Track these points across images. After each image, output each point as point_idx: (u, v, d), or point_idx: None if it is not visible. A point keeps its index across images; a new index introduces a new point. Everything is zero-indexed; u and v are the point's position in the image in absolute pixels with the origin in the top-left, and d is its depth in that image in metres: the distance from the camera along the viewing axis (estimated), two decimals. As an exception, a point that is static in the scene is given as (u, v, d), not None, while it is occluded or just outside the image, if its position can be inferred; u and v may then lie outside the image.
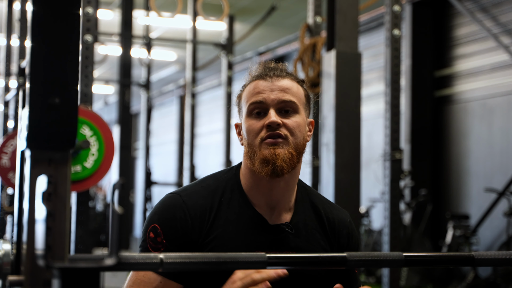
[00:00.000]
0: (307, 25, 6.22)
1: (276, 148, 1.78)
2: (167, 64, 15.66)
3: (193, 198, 1.83)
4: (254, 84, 1.86)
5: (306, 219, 1.90)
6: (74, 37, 1.08)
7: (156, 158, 19.88)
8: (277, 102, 1.82)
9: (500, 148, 8.73)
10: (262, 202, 1.85)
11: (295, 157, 1.81)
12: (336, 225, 1.94)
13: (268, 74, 1.86)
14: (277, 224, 1.84)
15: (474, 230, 8.37)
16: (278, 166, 1.77)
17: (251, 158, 1.81)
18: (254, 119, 1.83)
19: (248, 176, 1.86)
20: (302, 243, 1.86)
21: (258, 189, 1.84)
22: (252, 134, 1.82)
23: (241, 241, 1.80)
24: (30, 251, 1.03)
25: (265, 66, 1.91)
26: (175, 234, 1.78)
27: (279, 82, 1.84)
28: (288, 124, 1.81)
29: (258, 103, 1.82)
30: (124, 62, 9.41)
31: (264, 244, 1.81)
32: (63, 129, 1.05)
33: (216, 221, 1.81)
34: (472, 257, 1.40)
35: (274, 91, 1.83)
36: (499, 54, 8.74)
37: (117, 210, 0.89)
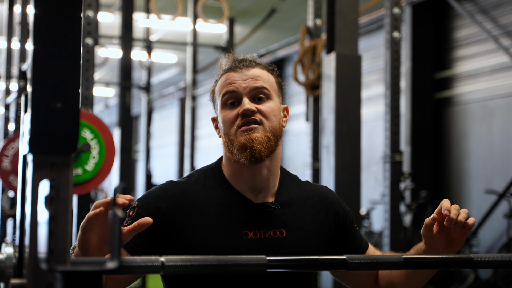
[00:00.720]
0: (307, 27, 6.23)
1: (251, 133, 1.81)
2: (167, 66, 15.68)
3: (175, 183, 1.89)
4: (225, 76, 1.91)
5: (291, 198, 1.92)
6: (75, 41, 1.09)
7: (157, 161, 19.89)
8: (249, 90, 1.86)
9: (500, 149, 8.74)
10: (246, 188, 1.87)
11: (272, 140, 1.83)
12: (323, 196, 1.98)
13: (238, 66, 1.90)
14: (262, 202, 1.87)
15: (474, 232, 8.37)
16: (256, 149, 1.79)
17: (229, 147, 1.85)
18: (228, 109, 1.87)
19: (229, 166, 1.89)
20: (289, 219, 1.88)
21: (241, 177, 1.87)
22: (227, 124, 1.85)
23: (226, 224, 1.82)
24: (32, 255, 1.04)
25: (234, 58, 1.94)
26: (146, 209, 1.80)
27: (249, 71, 1.89)
28: (262, 110, 1.84)
29: (231, 93, 1.86)
30: (125, 64, 9.41)
31: (250, 223, 1.84)
32: (65, 133, 1.06)
33: (196, 207, 1.83)
34: (471, 259, 1.41)
35: (246, 80, 1.87)
36: (499, 56, 8.75)
37: (118, 214, 0.90)
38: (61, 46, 1.07)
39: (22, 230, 1.11)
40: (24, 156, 1.13)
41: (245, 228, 1.82)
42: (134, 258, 1.16)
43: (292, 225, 1.87)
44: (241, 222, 1.83)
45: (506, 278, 7.68)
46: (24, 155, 1.12)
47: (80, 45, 1.08)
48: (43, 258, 0.94)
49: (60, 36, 1.08)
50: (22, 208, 1.12)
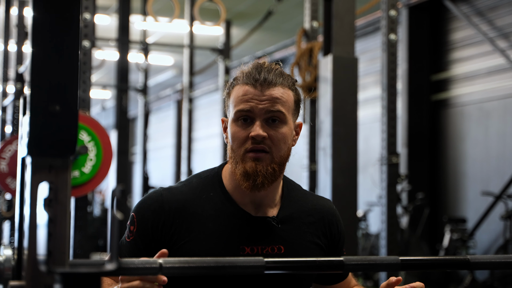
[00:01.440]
0: (303, 30, 6.24)
1: (258, 164, 1.78)
2: (164, 68, 15.68)
3: (172, 193, 1.84)
4: (243, 90, 1.82)
5: (293, 213, 1.90)
6: (74, 43, 1.09)
7: (153, 163, 19.87)
8: (265, 112, 1.80)
9: (497, 151, 8.76)
10: (247, 201, 1.85)
11: (277, 172, 1.80)
12: (324, 215, 1.95)
13: (258, 80, 1.81)
14: (263, 216, 1.85)
15: (471, 234, 8.38)
16: (259, 183, 1.77)
17: (233, 165, 1.82)
18: (240, 126, 1.81)
19: (231, 176, 1.86)
20: (288, 236, 1.85)
21: (241, 190, 1.84)
22: (236, 142, 1.81)
23: (222, 237, 1.80)
24: (31, 257, 1.04)
25: (257, 67, 1.85)
26: (145, 225, 1.80)
27: (269, 91, 1.81)
28: (273, 137, 1.80)
29: (245, 112, 1.80)
30: (121, 67, 9.42)
31: (248, 238, 1.81)
32: (64, 136, 1.06)
33: (195, 217, 1.81)
34: (467, 261, 1.41)
35: (263, 101, 1.80)
36: (495, 58, 8.77)
37: (117, 216, 0.91)
38: (59, 49, 1.08)
39: (21, 232, 1.11)
40: (22, 159, 1.14)
41: (243, 243, 1.80)
42: (132, 260, 1.17)
43: (291, 242, 1.85)
44: (238, 237, 1.81)
45: (503, 280, 7.69)
46: (23, 157, 1.13)
47: (78, 48, 1.08)
48: (42, 260, 0.95)
49: (58, 39, 1.08)
50: (21, 210, 1.13)
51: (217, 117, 12.00)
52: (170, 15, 7.60)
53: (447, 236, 8.37)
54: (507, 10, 8.70)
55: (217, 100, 13.17)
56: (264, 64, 1.87)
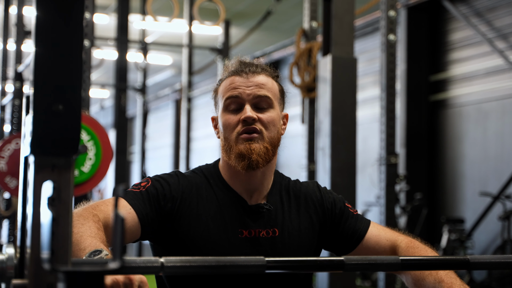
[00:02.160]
0: (303, 30, 6.25)
1: (251, 143, 1.85)
2: (162, 68, 15.68)
3: (184, 176, 1.94)
4: (230, 80, 1.93)
5: (282, 199, 1.97)
6: (77, 43, 1.09)
7: (152, 162, 19.87)
8: (253, 97, 1.88)
9: (495, 152, 8.77)
10: (242, 189, 1.93)
11: (270, 151, 1.88)
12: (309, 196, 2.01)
13: (243, 70, 1.92)
14: (256, 203, 1.93)
15: (469, 234, 8.40)
16: (254, 160, 1.84)
17: (227, 152, 1.89)
18: (230, 113, 1.90)
19: (226, 168, 1.94)
20: (280, 219, 1.93)
21: (237, 179, 1.93)
22: (228, 129, 1.89)
23: (223, 220, 1.88)
24: (34, 255, 1.05)
25: (240, 61, 1.96)
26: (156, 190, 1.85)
27: (254, 78, 1.91)
28: (263, 119, 1.88)
29: (234, 98, 1.89)
30: (120, 66, 9.42)
31: (245, 222, 1.90)
32: (67, 135, 1.07)
33: (200, 201, 1.89)
34: (467, 260, 1.42)
35: (250, 87, 1.89)
36: (494, 59, 8.79)
37: (120, 215, 0.91)
38: (63, 48, 1.08)
39: (23, 231, 1.12)
40: (25, 158, 1.14)
41: (240, 226, 1.89)
42: (134, 259, 1.17)
43: (284, 225, 1.93)
44: (237, 221, 1.89)
45: (501, 280, 7.71)
46: (26, 156, 1.13)
47: (82, 47, 1.08)
48: (46, 259, 0.95)
49: (62, 38, 1.08)
50: (23, 209, 1.13)
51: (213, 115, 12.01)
52: (169, 15, 7.60)
53: (445, 236, 8.38)
54: (505, 11, 8.72)
55: (216, 99, 13.17)
56: (247, 59, 1.99)
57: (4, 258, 1.14)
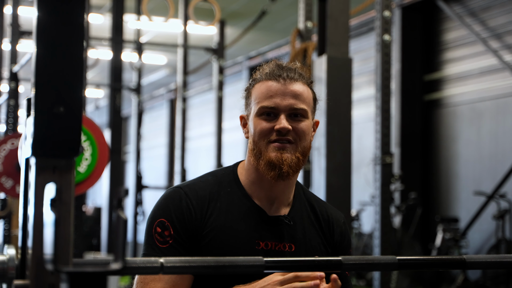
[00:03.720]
0: (298, 30, 6.25)
1: (283, 153, 1.82)
2: (157, 68, 15.67)
3: (192, 188, 1.87)
4: (266, 85, 1.87)
5: (303, 214, 1.95)
6: (78, 45, 1.10)
7: (146, 162, 19.86)
8: (289, 109, 1.84)
9: (489, 151, 8.80)
10: (262, 196, 1.89)
11: (301, 161, 1.85)
12: (330, 222, 1.99)
13: (281, 75, 1.87)
14: (276, 215, 1.89)
15: (463, 233, 8.42)
16: (284, 172, 1.82)
17: (257, 157, 1.85)
18: (263, 120, 1.85)
19: (251, 171, 1.90)
20: (298, 235, 1.91)
21: (260, 185, 1.89)
22: (260, 135, 1.85)
23: (240, 231, 1.84)
24: (35, 256, 1.05)
25: (278, 65, 1.91)
26: (182, 224, 1.81)
27: (291, 85, 1.86)
28: (297, 129, 1.84)
29: (270, 108, 1.85)
30: (115, 66, 9.41)
31: (262, 234, 1.86)
32: (68, 137, 1.08)
33: (215, 211, 1.85)
34: (463, 260, 1.43)
35: (286, 97, 1.85)
36: (488, 58, 8.81)
37: (122, 216, 0.92)
38: (64, 50, 1.09)
39: (25, 232, 1.13)
40: (26, 159, 1.15)
41: (258, 238, 1.85)
42: (134, 259, 1.19)
43: (301, 241, 1.91)
44: (255, 231, 1.86)
45: (495, 279, 7.74)
46: (27, 158, 1.14)
47: (83, 49, 1.09)
48: (49, 260, 0.96)
49: (63, 40, 1.09)
50: (24, 210, 1.14)
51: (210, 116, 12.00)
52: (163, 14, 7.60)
53: (439, 235, 8.41)
54: (499, 10, 8.74)
55: (211, 99, 13.18)
56: (284, 63, 1.93)
57: (5, 259, 1.15)
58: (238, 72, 14.86)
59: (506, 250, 7.65)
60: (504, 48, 8.60)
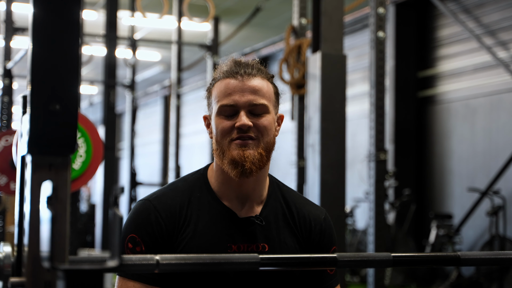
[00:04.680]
0: (292, 26, 6.26)
1: (245, 150, 1.80)
2: (151, 64, 15.65)
3: (161, 200, 1.85)
4: (224, 83, 1.86)
5: (277, 212, 1.91)
6: (74, 42, 1.10)
7: (140, 159, 19.84)
8: (248, 105, 1.83)
9: (483, 148, 8.82)
10: (232, 196, 1.87)
11: (265, 157, 1.83)
12: (307, 220, 1.95)
13: (238, 72, 1.85)
14: (247, 216, 1.87)
15: (457, 230, 8.45)
16: (247, 169, 1.79)
17: (220, 156, 1.84)
18: (224, 118, 1.84)
19: (219, 173, 1.88)
20: (272, 235, 1.88)
21: (229, 185, 1.87)
22: (221, 133, 1.84)
23: (211, 236, 1.82)
24: (31, 254, 1.06)
25: (235, 62, 1.89)
26: (153, 239, 1.80)
27: (249, 81, 1.85)
28: (258, 125, 1.83)
29: (229, 106, 1.83)
30: (109, 62, 9.39)
31: (235, 237, 1.84)
32: (64, 134, 1.08)
33: (186, 220, 1.83)
34: (458, 257, 1.44)
35: (245, 93, 1.83)
36: (481, 55, 8.83)
37: (118, 214, 0.92)
38: (60, 47, 1.09)
39: (21, 229, 1.13)
40: (22, 157, 1.15)
41: (230, 241, 1.83)
42: (130, 256, 1.19)
43: (275, 240, 1.88)
44: (225, 235, 1.84)
45: (488, 276, 7.76)
46: (23, 155, 1.14)
47: (79, 46, 1.09)
48: (45, 257, 0.96)
49: (59, 37, 1.09)
50: (20, 208, 1.14)
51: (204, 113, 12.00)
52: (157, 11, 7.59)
53: (433, 232, 8.43)
54: (493, 7, 8.76)
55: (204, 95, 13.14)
56: (241, 60, 1.91)
57: (1, 256, 1.15)
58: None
59: (499, 246, 7.68)
60: (498, 45, 8.62)
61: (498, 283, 7.56)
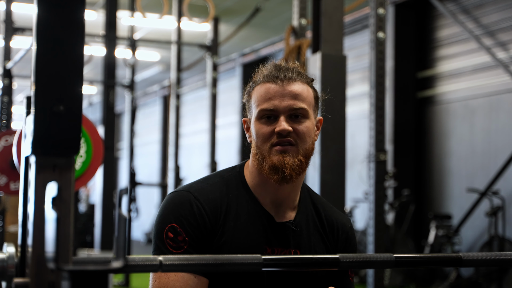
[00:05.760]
0: (292, 27, 6.26)
1: (285, 156, 1.81)
2: (150, 64, 15.65)
3: (202, 193, 1.86)
4: (265, 87, 1.86)
5: (308, 219, 1.94)
6: (79, 43, 1.10)
7: (139, 159, 19.84)
8: (288, 110, 1.83)
9: (482, 148, 8.83)
10: (268, 200, 1.89)
11: (304, 163, 1.84)
12: (335, 228, 1.98)
13: (279, 77, 1.85)
14: (283, 221, 1.89)
15: (456, 230, 8.45)
16: (287, 175, 1.80)
17: (260, 161, 1.84)
18: (264, 123, 1.84)
19: (255, 174, 1.89)
20: (304, 241, 1.90)
21: (265, 188, 1.88)
22: (261, 138, 1.84)
23: (250, 235, 1.84)
24: (36, 254, 1.06)
25: (275, 66, 1.89)
26: (195, 229, 1.80)
27: (290, 86, 1.85)
28: (298, 130, 1.83)
29: (269, 111, 1.83)
30: (108, 62, 9.39)
31: (271, 239, 1.86)
32: (67, 135, 1.08)
33: (227, 215, 1.84)
34: (459, 258, 1.44)
35: (285, 98, 1.83)
36: (480, 56, 8.84)
37: (123, 215, 0.92)
38: (64, 48, 1.09)
39: (24, 230, 1.13)
40: (26, 158, 1.15)
41: (266, 243, 1.85)
42: (133, 257, 1.19)
43: (306, 247, 1.90)
44: (262, 237, 1.86)
45: (487, 276, 7.77)
46: (27, 156, 1.14)
47: (83, 47, 1.09)
48: (50, 258, 0.96)
49: (63, 38, 1.09)
50: (24, 208, 1.14)
51: (203, 113, 12.00)
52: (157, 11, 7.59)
53: (432, 232, 8.44)
54: (492, 8, 8.77)
55: (204, 96, 13.16)
56: (282, 64, 1.91)
57: (5, 257, 1.15)
58: (231, 69, 14.85)
59: (498, 246, 7.69)
60: (497, 46, 8.63)
61: (497, 284, 7.56)
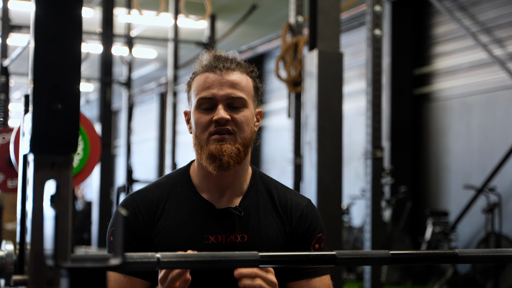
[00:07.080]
0: (289, 24, 6.26)
1: (222, 144, 1.82)
2: (146, 61, 15.64)
3: (141, 194, 1.91)
4: (203, 77, 1.88)
5: (258, 202, 1.93)
6: (76, 41, 1.10)
7: (136, 156, 19.84)
8: (226, 98, 1.84)
9: (479, 145, 8.85)
10: (212, 189, 1.90)
11: (242, 152, 1.85)
12: (288, 207, 1.95)
13: (217, 66, 1.87)
14: (225, 208, 1.89)
15: (453, 227, 8.47)
16: (225, 162, 1.81)
17: (199, 151, 1.87)
18: (202, 112, 1.86)
19: (200, 166, 1.91)
20: (251, 225, 1.89)
21: (208, 178, 1.89)
22: (200, 128, 1.86)
23: (188, 227, 1.86)
24: (34, 252, 1.06)
25: (214, 56, 1.92)
26: (129, 232, 1.85)
27: (228, 75, 1.86)
28: (236, 119, 1.84)
29: (207, 99, 1.85)
30: (105, 60, 9.39)
31: (212, 228, 1.86)
32: (66, 133, 1.08)
33: (163, 214, 1.88)
34: (455, 254, 1.45)
35: (224, 86, 1.85)
36: (477, 53, 8.85)
37: (122, 212, 0.93)
38: (62, 46, 1.09)
39: (23, 227, 1.13)
40: (24, 156, 1.16)
41: (207, 232, 1.85)
42: (131, 254, 1.20)
43: (254, 230, 1.89)
44: (203, 227, 1.86)
45: (484, 273, 7.79)
46: (25, 154, 1.15)
47: (81, 45, 1.10)
48: (49, 255, 0.97)
49: (61, 36, 1.09)
50: (22, 206, 1.15)
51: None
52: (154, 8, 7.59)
53: (429, 229, 8.46)
54: (489, 5, 8.78)
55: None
56: (221, 54, 1.94)
57: (3, 254, 1.15)
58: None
59: (495, 243, 7.71)
60: (494, 42, 8.64)
61: (493, 280, 7.58)
